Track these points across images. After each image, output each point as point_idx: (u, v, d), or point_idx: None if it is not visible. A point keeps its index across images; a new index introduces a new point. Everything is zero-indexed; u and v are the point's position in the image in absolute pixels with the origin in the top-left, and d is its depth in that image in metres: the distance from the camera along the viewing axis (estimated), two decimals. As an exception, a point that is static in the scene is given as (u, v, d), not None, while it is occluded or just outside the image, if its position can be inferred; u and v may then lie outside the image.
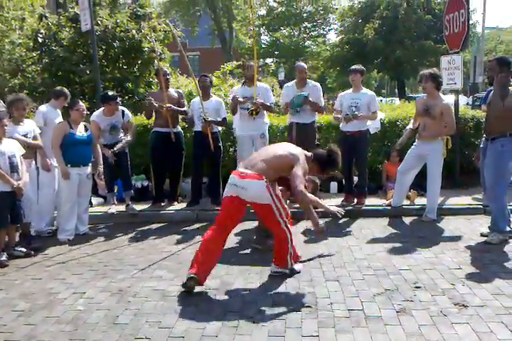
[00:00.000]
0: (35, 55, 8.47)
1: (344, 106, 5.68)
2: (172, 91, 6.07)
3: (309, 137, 5.67)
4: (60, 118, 5.33)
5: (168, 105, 5.66)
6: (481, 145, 4.74)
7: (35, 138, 4.94)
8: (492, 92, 4.54)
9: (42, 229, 5.17)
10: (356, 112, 5.48)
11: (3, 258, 4.31)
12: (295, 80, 5.91)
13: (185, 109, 5.98)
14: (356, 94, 5.67)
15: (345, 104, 5.68)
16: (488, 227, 4.59)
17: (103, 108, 5.59)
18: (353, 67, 5.81)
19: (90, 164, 5.18)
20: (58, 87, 5.64)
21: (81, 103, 5.08)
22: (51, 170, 5.13)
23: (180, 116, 6.14)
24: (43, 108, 5.33)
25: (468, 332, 2.77)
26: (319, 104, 5.77)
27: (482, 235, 4.62)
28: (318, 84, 5.94)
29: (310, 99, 5.59)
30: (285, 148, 3.78)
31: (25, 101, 4.89)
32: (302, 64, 5.98)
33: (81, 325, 3.03)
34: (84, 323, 3.06)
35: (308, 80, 5.85)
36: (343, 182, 6.10)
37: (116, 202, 6.00)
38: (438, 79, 5.14)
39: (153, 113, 5.93)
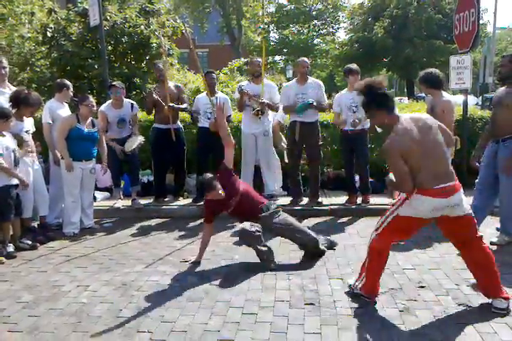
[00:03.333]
0: (44, 49, 8.51)
1: (343, 107, 5.60)
2: (172, 86, 5.95)
3: (313, 136, 5.64)
4: (66, 112, 5.33)
5: (170, 104, 5.62)
6: (488, 148, 4.54)
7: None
8: (505, 92, 4.31)
9: (51, 221, 5.22)
10: (360, 116, 5.40)
11: (11, 249, 4.36)
12: (296, 78, 5.80)
13: (185, 106, 5.95)
14: (354, 93, 5.56)
15: (344, 105, 5.60)
16: (496, 228, 4.55)
17: (111, 100, 5.61)
18: (349, 67, 5.68)
19: (94, 159, 5.20)
20: (58, 80, 5.62)
21: (91, 99, 5.07)
22: (59, 164, 5.16)
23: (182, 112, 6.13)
24: (49, 104, 5.34)
25: (471, 333, 2.75)
26: (322, 103, 5.65)
27: (492, 244, 4.51)
28: (320, 81, 5.83)
29: (314, 103, 5.47)
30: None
31: (38, 104, 4.86)
32: (304, 58, 5.88)
33: (84, 318, 3.04)
34: (88, 316, 3.07)
35: (308, 77, 5.71)
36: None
37: (122, 197, 6.03)
38: (430, 79, 5.08)
39: (153, 108, 5.88)
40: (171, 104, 5.64)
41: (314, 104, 5.49)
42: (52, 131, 5.14)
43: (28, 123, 4.86)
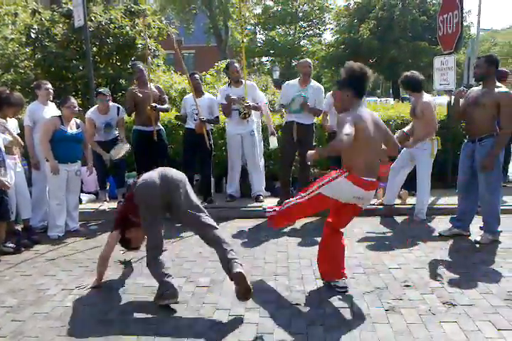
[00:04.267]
0: (28, 50, 8.40)
1: (331, 106, 5.52)
2: (152, 87, 5.84)
3: (308, 138, 5.63)
4: (50, 113, 5.21)
5: (153, 104, 5.56)
6: (465, 147, 4.60)
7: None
8: (481, 92, 4.36)
9: (35, 224, 5.15)
10: None
11: (-6, 253, 4.29)
12: (298, 78, 5.72)
13: (167, 106, 5.91)
14: None
15: (332, 104, 5.60)
16: (480, 227, 4.62)
17: (97, 105, 5.58)
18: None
19: (79, 161, 5.15)
20: (35, 81, 5.54)
21: (72, 100, 5.02)
22: (39, 168, 5.10)
23: (162, 114, 6.09)
24: (30, 106, 5.25)
25: (456, 331, 2.79)
26: (318, 108, 5.61)
27: (440, 235, 4.70)
28: (321, 86, 5.77)
29: (309, 103, 5.45)
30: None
31: (21, 104, 4.84)
32: (305, 59, 5.90)
33: (69, 321, 3.01)
34: (73, 319, 3.04)
35: (311, 80, 5.68)
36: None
37: (108, 199, 5.98)
38: (408, 82, 5.14)
39: (134, 109, 5.77)
40: (154, 104, 5.58)
41: (308, 103, 5.45)
42: (33, 133, 5.08)
43: (12, 125, 4.80)
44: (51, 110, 5.29)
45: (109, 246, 3.58)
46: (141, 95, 5.60)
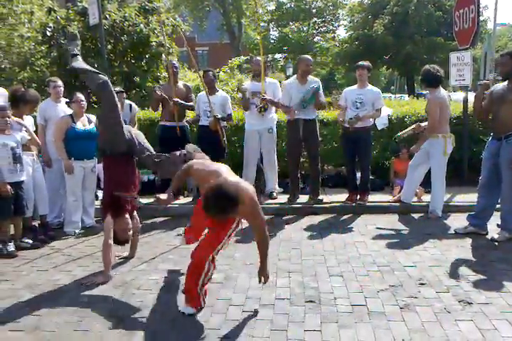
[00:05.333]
0: (43, 48, 8.50)
1: (349, 101, 5.59)
2: (181, 85, 6.06)
3: (314, 133, 5.64)
4: (62, 110, 5.23)
5: (175, 99, 5.66)
6: (490, 145, 4.53)
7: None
8: (507, 88, 4.28)
9: (51, 220, 5.22)
10: (359, 114, 5.41)
11: (12, 248, 4.36)
12: (295, 76, 5.72)
13: (191, 103, 5.98)
14: (362, 90, 5.56)
15: (349, 99, 5.58)
16: (497, 225, 4.55)
17: None
18: (360, 62, 5.71)
19: (95, 158, 5.19)
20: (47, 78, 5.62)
21: (79, 94, 5.02)
22: (51, 165, 5.14)
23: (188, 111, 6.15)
24: (42, 104, 5.27)
25: (472, 329, 2.76)
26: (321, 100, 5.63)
27: (456, 232, 4.66)
28: (318, 79, 5.80)
29: (319, 90, 5.48)
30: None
31: (36, 100, 4.90)
32: (306, 56, 5.86)
33: (85, 317, 3.05)
34: (89, 314, 3.08)
35: (309, 76, 5.64)
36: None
37: (122, 196, 6.03)
38: (425, 78, 5.12)
39: (160, 106, 5.94)
40: (176, 99, 5.66)
41: (319, 90, 5.48)
42: (46, 130, 5.13)
43: (29, 122, 4.86)
44: (63, 107, 5.29)
45: (106, 233, 3.70)
46: (159, 93, 5.67)
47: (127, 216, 3.85)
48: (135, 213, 4.08)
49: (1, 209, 4.29)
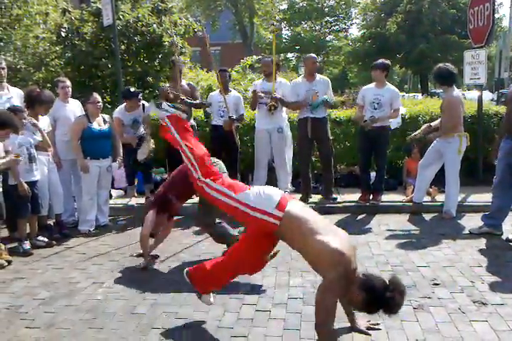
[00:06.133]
0: (58, 49, 8.59)
1: (366, 101, 5.52)
2: (184, 84, 5.93)
3: (324, 131, 5.64)
4: (70, 110, 5.28)
5: (182, 97, 5.63)
6: (504, 145, 4.46)
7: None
8: None
9: (66, 219, 5.28)
10: (375, 115, 5.38)
11: (28, 247, 4.42)
12: (302, 75, 5.72)
13: (198, 101, 5.97)
14: (380, 89, 5.46)
15: (367, 99, 5.51)
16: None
17: (125, 104, 5.65)
18: (377, 61, 5.57)
19: (110, 157, 5.24)
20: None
21: (95, 95, 5.09)
22: (61, 166, 5.19)
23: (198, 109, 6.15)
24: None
25: (487, 330, 2.73)
26: (331, 100, 5.66)
27: (470, 233, 4.61)
28: (327, 78, 5.80)
29: (328, 100, 5.51)
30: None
31: (51, 101, 4.94)
32: (311, 54, 5.86)
33: (100, 314, 3.08)
34: (103, 312, 3.11)
35: (316, 74, 5.67)
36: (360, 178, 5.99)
37: (136, 195, 6.08)
38: (438, 76, 5.07)
39: None
40: (183, 97, 5.65)
41: (329, 101, 5.51)
42: (56, 130, 5.18)
43: (45, 122, 4.92)
44: (71, 107, 5.33)
45: (145, 225, 3.93)
46: (176, 94, 5.67)
47: (166, 216, 4.09)
48: (174, 218, 4.32)
49: (20, 209, 4.36)
